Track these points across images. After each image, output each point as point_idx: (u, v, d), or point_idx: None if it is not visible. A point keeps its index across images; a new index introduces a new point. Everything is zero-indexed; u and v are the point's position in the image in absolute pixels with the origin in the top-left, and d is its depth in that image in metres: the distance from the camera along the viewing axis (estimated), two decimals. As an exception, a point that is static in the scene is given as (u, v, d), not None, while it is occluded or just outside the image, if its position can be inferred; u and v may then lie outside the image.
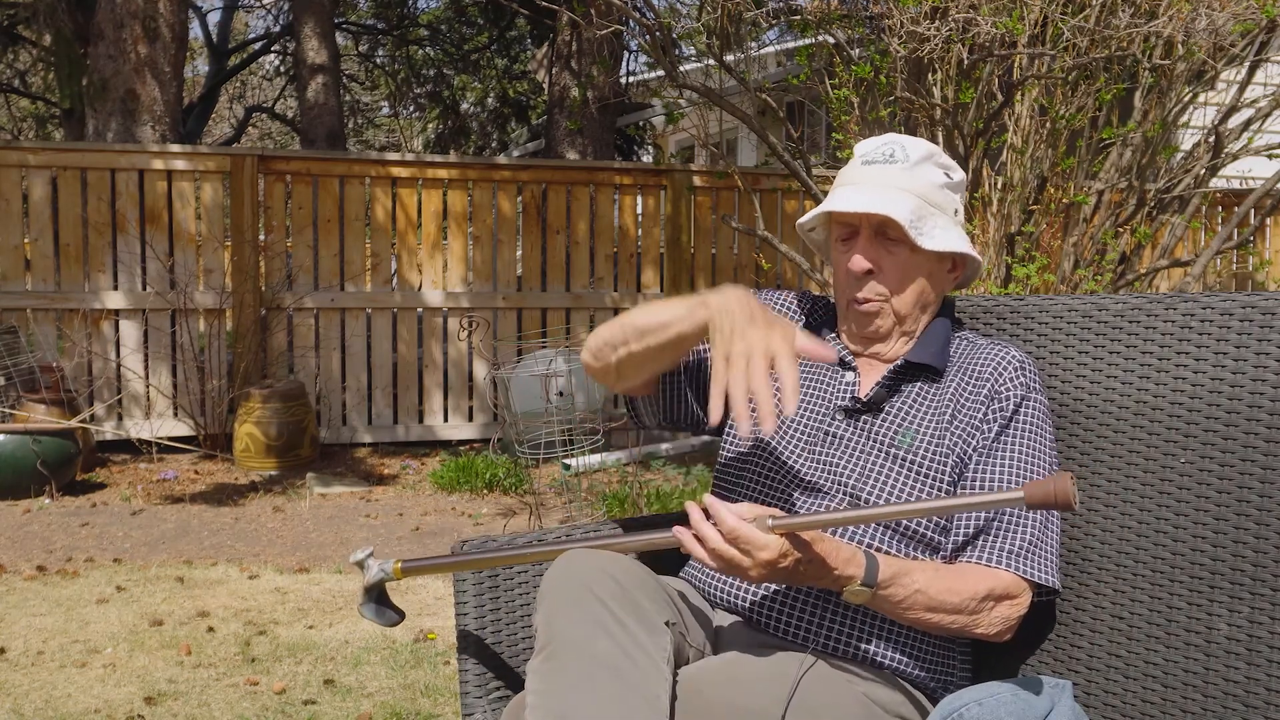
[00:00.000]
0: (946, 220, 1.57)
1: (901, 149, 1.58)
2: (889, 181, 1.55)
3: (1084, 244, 4.03)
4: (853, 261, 1.56)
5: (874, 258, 1.55)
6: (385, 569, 1.53)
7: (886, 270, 1.56)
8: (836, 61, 4.09)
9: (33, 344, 5.79)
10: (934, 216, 1.55)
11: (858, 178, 1.58)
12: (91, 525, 4.62)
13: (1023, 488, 1.24)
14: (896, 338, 1.60)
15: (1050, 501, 1.22)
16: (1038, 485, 1.23)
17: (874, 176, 1.57)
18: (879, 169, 1.57)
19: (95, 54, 6.89)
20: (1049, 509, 1.23)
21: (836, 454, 1.55)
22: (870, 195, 1.54)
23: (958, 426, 1.52)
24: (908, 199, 1.53)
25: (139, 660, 3.05)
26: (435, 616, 3.46)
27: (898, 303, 1.57)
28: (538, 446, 4.59)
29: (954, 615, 1.41)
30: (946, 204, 1.58)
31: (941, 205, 1.57)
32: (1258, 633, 1.32)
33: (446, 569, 1.55)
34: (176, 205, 6.12)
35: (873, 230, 1.56)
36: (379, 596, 1.57)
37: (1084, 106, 3.85)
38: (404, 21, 16.68)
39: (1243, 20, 3.58)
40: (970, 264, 1.63)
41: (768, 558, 1.29)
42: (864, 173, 1.58)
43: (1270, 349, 1.39)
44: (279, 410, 5.77)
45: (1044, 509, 1.24)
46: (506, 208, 6.89)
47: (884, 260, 1.56)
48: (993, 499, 1.27)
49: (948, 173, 1.59)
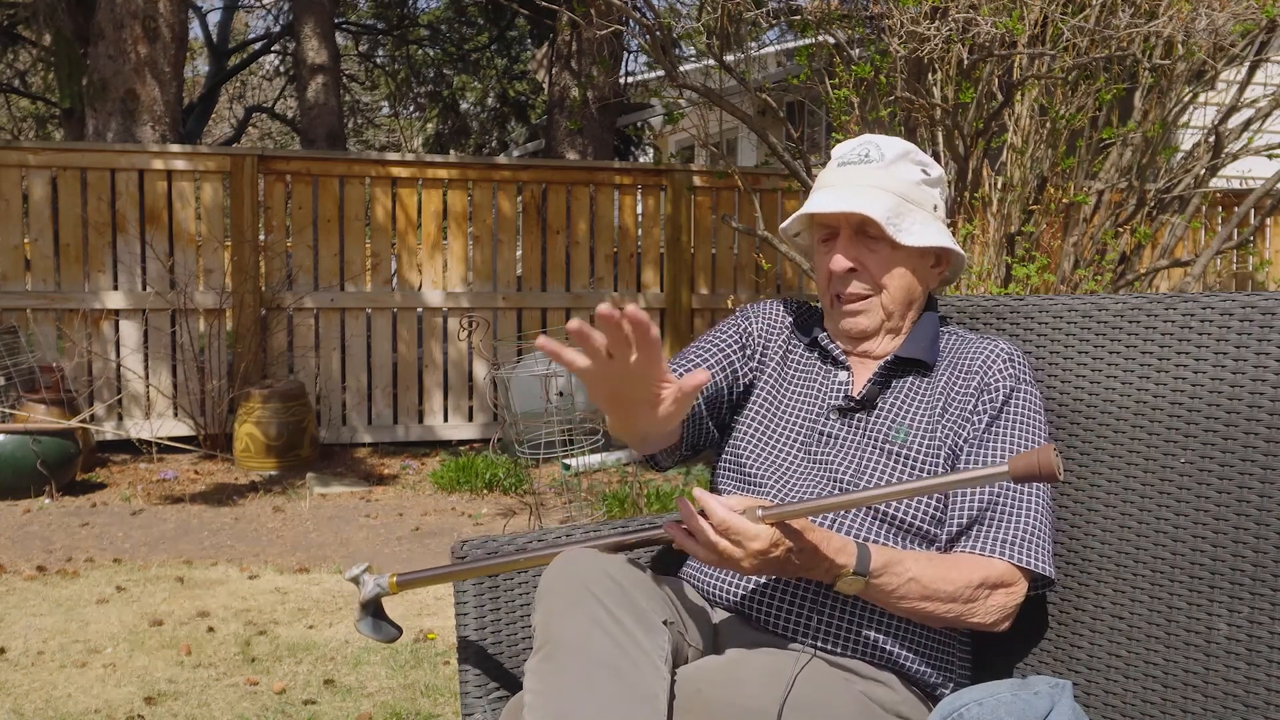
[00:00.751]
0: (925, 216, 1.59)
1: (876, 148, 1.60)
2: (865, 181, 1.58)
3: (1084, 244, 4.03)
4: (834, 261, 1.58)
5: (855, 256, 1.58)
6: (381, 584, 1.52)
7: (869, 268, 1.58)
8: (836, 61, 4.09)
9: (33, 344, 5.79)
10: (913, 213, 1.57)
11: (835, 180, 1.61)
12: (91, 525, 4.62)
13: (1007, 461, 1.25)
14: (884, 334, 1.62)
15: (1034, 473, 1.22)
16: (1021, 458, 1.23)
17: (850, 177, 1.59)
18: (855, 169, 1.60)
19: (95, 54, 6.88)
20: (1034, 480, 1.23)
21: (832, 453, 1.56)
22: (847, 195, 1.56)
23: (949, 419, 1.53)
24: (885, 197, 1.56)
25: (139, 660, 3.05)
26: (435, 616, 3.46)
27: (885, 299, 1.59)
28: (538, 446, 4.59)
29: (949, 604, 1.41)
30: (925, 200, 1.60)
31: (919, 201, 1.59)
32: (1258, 633, 1.32)
33: (442, 580, 1.54)
34: (176, 205, 6.12)
35: (853, 230, 1.58)
36: (375, 611, 1.56)
37: (1084, 106, 3.85)
38: (404, 21, 16.68)
39: (1243, 20, 3.58)
40: (955, 259, 1.65)
41: (759, 548, 1.29)
42: (841, 174, 1.61)
43: (1270, 349, 1.39)
44: (279, 410, 5.77)
45: (1028, 481, 1.24)
46: (506, 208, 6.89)
47: (865, 258, 1.58)
48: (978, 474, 1.28)
49: (924, 169, 1.61)
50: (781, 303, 1.77)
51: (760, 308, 1.76)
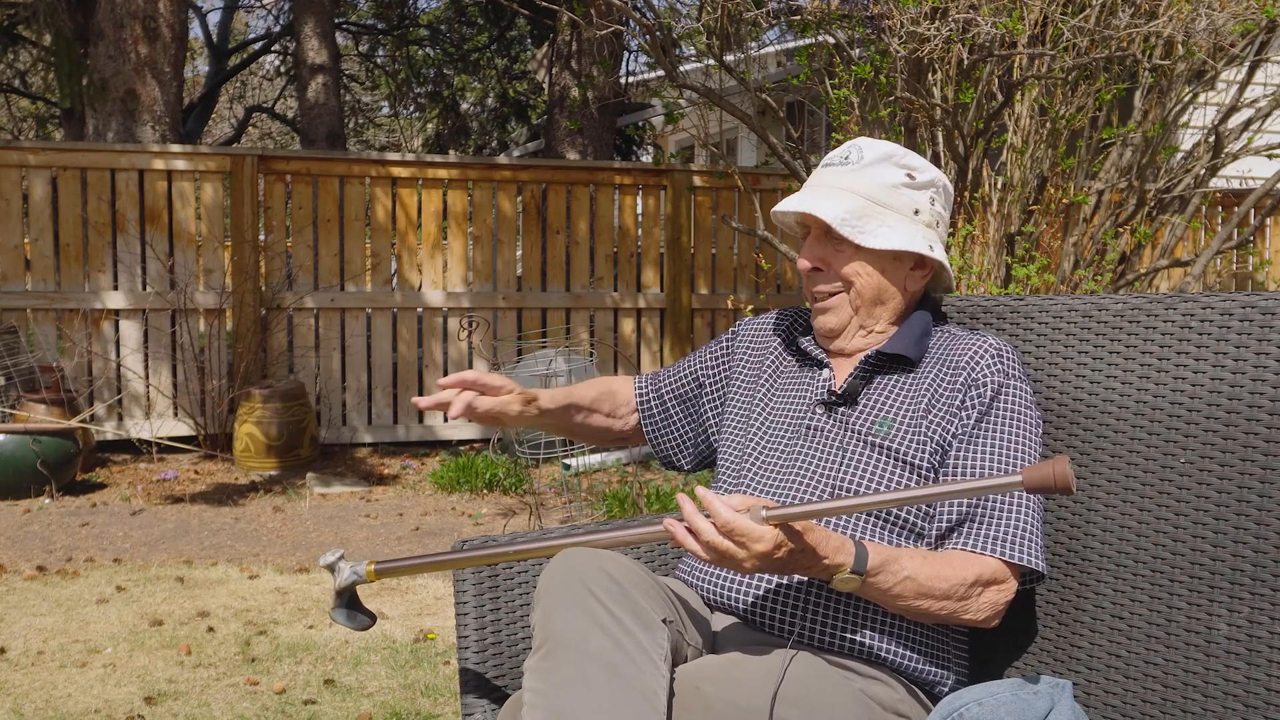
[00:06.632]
0: (898, 219, 1.60)
1: (858, 150, 1.63)
2: (834, 183, 1.61)
3: (1084, 244, 4.03)
4: (800, 261, 1.64)
5: (819, 256, 1.62)
6: (358, 571, 1.51)
7: (832, 266, 1.62)
8: (836, 61, 4.09)
9: (33, 344, 5.79)
10: (881, 215, 1.59)
11: (813, 180, 1.66)
12: (91, 525, 4.62)
13: (1021, 471, 1.24)
14: (854, 332, 1.64)
15: (1049, 484, 1.21)
16: (1036, 469, 1.22)
17: (824, 179, 1.63)
18: (831, 171, 1.64)
19: (95, 54, 6.88)
20: (1048, 492, 1.23)
21: (817, 446, 1.58)
22: (810, 197, 1.61)
23: (935, 414, 1.54)
24: (848, 198, 1.58)
25: (139, 660, 3.05)
26: (435, 616, 3.46)
27: (851, 297, 1.62)
28: (538, 446, 4.59)
29: (943, 601, 1.41)
30: (901, 203, 1.60)
31: (892, 204, 1.60)
32: (1258, 633, 1.32)
33: (421, 570, 1.52)
34: (176, 205, 6.12)
35: (821, 230, 1.62)
36: (350, 600, 1.54)
37: (1084, 106, 3.85)
38: (404, 21, 16.67)
39: (1243, 20, 3.57)
40: (932, 262, 1.64)
41: (762, 549, 1.29)
42: (818, 175, 1.65)
43: (1270, 349, 1.39)
44: (279, 410, 5.77)
45: (1043, 493, 1.24)
46: (506, 207, 6.89)
47: (830, 258, 1.62)
48: (992, 484, 1.27)
49: (910, 173, 1.62)
50: (774, 315, 1.81)
51: (748, 326, 1.81)
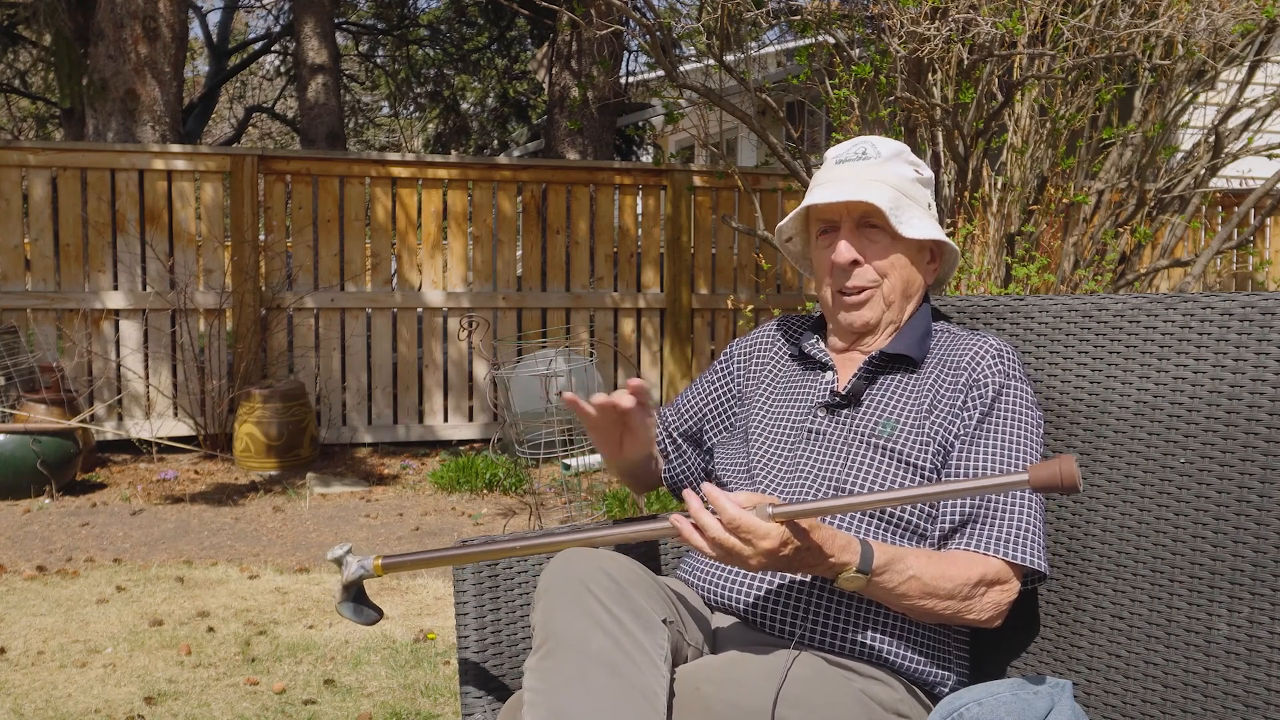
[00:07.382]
0: (921, 211, 1.62)
1: (872, 147, 1.64)
2: (865, 175, 1.60)
3: (1084, 244, 4.03)
4: (838, 253, 1.60)
5: (858, 247, 1.61)
6: (365, 565, 1.50)
7: (870, 259, 1.61)
8: (836, 61, 4.08)
9: (33, 344, 5.79)
10: (910, 207, 1.60)
11: (833, 176, 1.63)
12: (91, 525, 4.62)
13: (1027, 470, 1.24)
14: (885, 328, 1.64)
15: (1056, 483, 1.21)
16: (1043, 467, 1.22)
17: (849, 173, 1.62)
18: (852, 166, 1.63)
19: (95, 54, 6.88)
20: (1055, 491, 1.23)
21: (820, 448, 1.57)
22: (849, 188, 1.59)
23: (938, 415, 1.53)
24: (886, 189, 1.58)
25: (139, 660, 3.05)
26: (435, 616, 3.46)
27: (886, 290, 1.61)
28: (538, 446, 4.59)
29: (947, 601, 1.42)
30: (919, 197, 1.63)
31: (915, 198, 1.62)
32: (1258, 633, 1.32)
33: (428, 564, 1.52)
34: (176, 205, 6.12)
35: (854, 222, 1.60)
36: (357, 595, 1.53)
37: (1084, 106, 3.85)
38: (404, 21, 16.67)
39: (1243, 20, 3.57)
40: (948, 256, 1.68)
41: (769, 546, 1.29)
42: (838, 170, 1.64)
43: (1270, 349, 1.39)
44: (279, 410, 5.77)
45: (1050, 491, 1.24)
46: (506, 208, 6.89)
47: (867, 249, 1.61)
48: (997, 482, 1.27)
49: (917, 169, 1.65)
50: (764, 328, 1.81)
51: (741, 344, 1.81)
